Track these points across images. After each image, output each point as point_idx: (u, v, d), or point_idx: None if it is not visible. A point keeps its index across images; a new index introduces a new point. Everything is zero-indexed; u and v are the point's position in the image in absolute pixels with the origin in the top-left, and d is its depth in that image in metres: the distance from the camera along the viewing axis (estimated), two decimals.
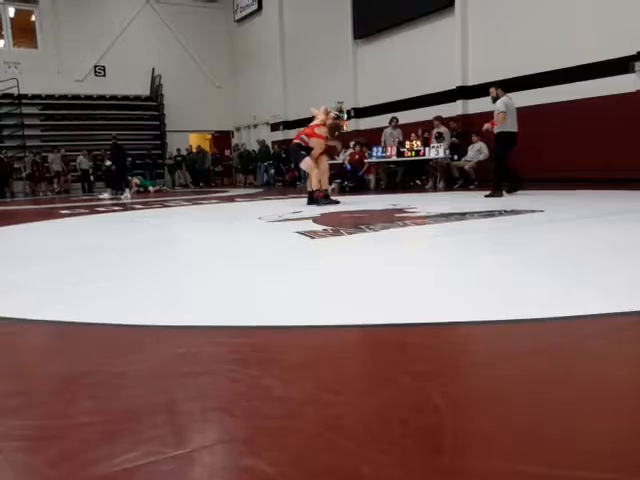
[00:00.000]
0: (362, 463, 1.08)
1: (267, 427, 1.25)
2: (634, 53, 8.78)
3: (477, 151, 10.64)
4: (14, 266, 3.75)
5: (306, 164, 7.73)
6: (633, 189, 7.51)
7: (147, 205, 10.15)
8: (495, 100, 7.92)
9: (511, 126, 7.80)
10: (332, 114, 7.94)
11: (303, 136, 7.82)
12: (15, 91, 17.86)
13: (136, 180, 16.88)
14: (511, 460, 1.07)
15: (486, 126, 8.04)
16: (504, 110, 7.70)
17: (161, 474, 1.07)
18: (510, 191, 7.90)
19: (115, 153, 14.37)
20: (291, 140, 16.41)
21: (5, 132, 18.19)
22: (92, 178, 18.12)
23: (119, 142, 14.82)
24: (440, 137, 11.08)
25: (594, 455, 1.09)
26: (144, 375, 1.63)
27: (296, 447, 1.16)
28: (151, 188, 17.20)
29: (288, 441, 1.19)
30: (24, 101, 18.31)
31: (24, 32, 19.39)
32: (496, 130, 7.83)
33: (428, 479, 1.02)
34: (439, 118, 11.45)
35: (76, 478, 1.07)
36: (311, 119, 8.33)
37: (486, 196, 7.77)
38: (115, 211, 9.02)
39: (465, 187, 10.65)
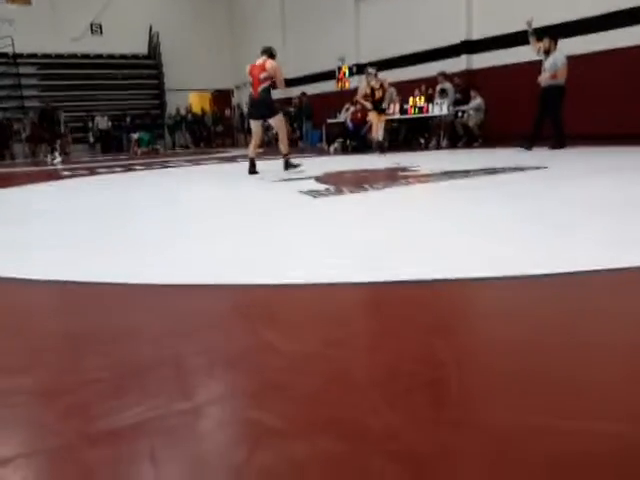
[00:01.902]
0: (367, 414, 1.08)
1: (273, 380, 1.26)
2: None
3: (476, 106, 10.47)
4: (15, 226, 3.75)
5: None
6: None
7: (148, 166, 10.08)
8: (547, 52, 7.79)
9: (564, 80, 7.74)
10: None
11: None
12: (10, 50, 17.52)
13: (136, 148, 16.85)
14: (517, 412, 1.08)
15: (545, 78, 7.83)
16: (566, 63, 7.66)
17: (168, 427, 1.08)
18: (529, 148, 7.86)
19: (45, 118, 13.90)
20: (291, 99, 16.27)
21: (2, 93, 17.93)
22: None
23: (51, 107, 14.32)
24: (443, 93, 10.89)
25: (601, 405, 1.10)
26: (150, 331, 1.64)
27: (301, 400, 1.17)
28: (138, 149, 17.00)
29: (294, 394, 1.19)
30: (20, 60, 17.98)
31: None
32: (553, 83, 7.71)
33: (434, 431, 1.03)
34: (443, 74, 11.23)
35: (84, 432, 1.09)
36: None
37: (550, 147, 7.82)
38: (116, 172, 8.96)
39: (469, 144, 10.53)
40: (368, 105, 9.03)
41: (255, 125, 6.83)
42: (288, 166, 6.80)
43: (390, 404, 1.12)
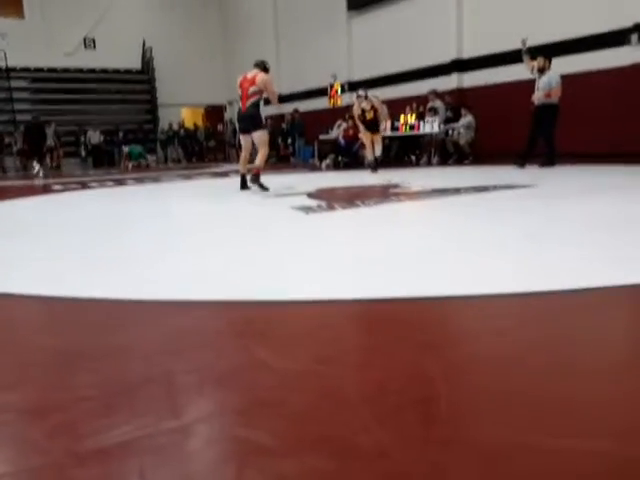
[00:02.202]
0: (358, 432, 1.08)
1: (263, 398, 1.26)
2: (630, 25, 8.68)
3: (467, 124, 10.58)
4: (6, 241, 3.73)
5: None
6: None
7: (140, 181, 10.08)
8: (541, 71, 7.89)
9: (558, 99, 7.86)
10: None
11: None
12: (3, 64, 17.52)
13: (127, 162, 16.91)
14: (507, 430, 1.08)
15: (539, 96, 7.93)
16: (560, 83, 7.78)
17: (157, 446, 1.08)
18: (522, 165, 7.94)
19: (31, 132, 13.91)
20: (284, 116, 16.36)
21: None
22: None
23: (39, 121, 14.39)
24: (434, 111, 10.99)
25: (588, 424, 1.11)
26: (141, 349, 1.63)
27: (292, 417, 1.17)
28: (129, 163, 17.05)
29: (284, 411, 1.19)
30: (13, 74, 17.97)
31: (8, 1, 18.88)
32: (547, 102, 7.81)
33: (424, 449, 1.03)
34: (434, 92, 11.35)
35: (72, 450, 1.08)
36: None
37: (540, 165, 7.85)
38: (109, 187, 8.95)
39: (459, 162, 10.62)
40: (362, 127, 8.96)
41: (245, 140, 6.74)
42: (255, 182, 6.32)
43: (380, 422, 1.12)
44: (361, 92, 8.85)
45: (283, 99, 17.74)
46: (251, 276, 2.42)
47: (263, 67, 6.44)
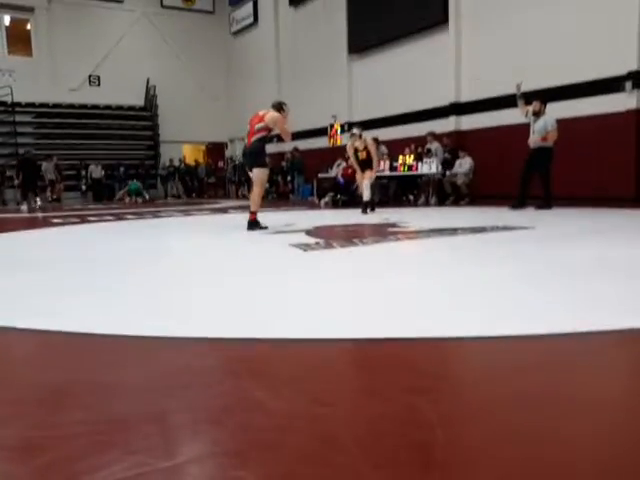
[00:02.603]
0: (353, 477, 1.07)
1: (258, 440, 1.25)
2: (624, 73, 8.90)
3: (467, 166, 10.72)
4: (2, 273, 3.73)
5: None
6: (620, 207, 7.59)
7: (139, 215, 10.12)
8: (537, 114, 8.01)
9: (553, 142, 7.99)
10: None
11: None
12: (9, 99, 17.82)
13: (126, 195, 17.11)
14: (502, 474, 1.07)
15: (535, 140, 8.05)
16: (556, 127, 7.91)
17: None
18: (517, 207, 8.00)
19: (23, 166, 14.25)
20: (284, 153, 16.59)
21: None
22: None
23: (32, 155, 14.88)
24: (429, 153, 11.16)
25: (587, 470, 1.09)
26: (135, 386, 1.62)
27: (287, 460, 1.15)
28: (127, 198, 17.23)
29: (279, 454, 1.18)
30: (18, 109, 18.27)
31: (19, 40, 19.43)
32: (543, 145, 7.92)
33: None
34: (432, 134, 11.55)
35: None
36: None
37: (537, 208, 7.89)
38: (107, 221, 8.98)
39: (457, 202, 10.71)
40: (356, 166, 8.85)
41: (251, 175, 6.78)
42: (253, 226, 6.24)
43: (376, 465, 1.11)
44: (355, 130, 8.73)
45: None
46: (247, 313, 2.41)
47: (278, 107, 6.48)
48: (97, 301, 2.75)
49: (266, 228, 6.26)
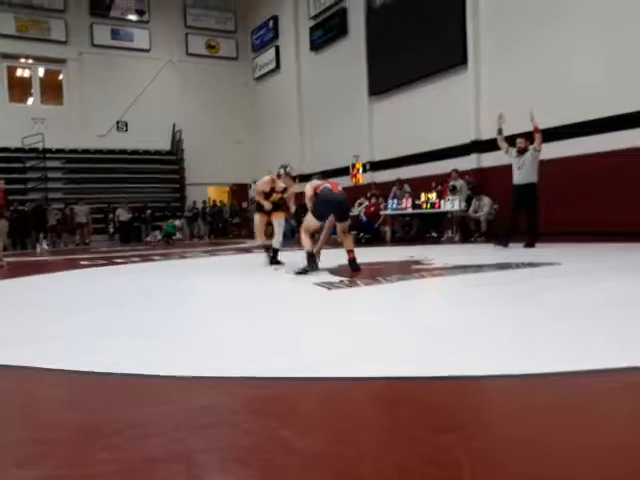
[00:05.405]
0: None
1: (283, 479, 1.24)
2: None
3: (486, 208, 10.73)
4: (21, 315, 3.80)
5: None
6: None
7: (166, 257, 10.27)
8: (521, 152, 7.99)
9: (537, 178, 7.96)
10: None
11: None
12: (40, 145, 18.46)
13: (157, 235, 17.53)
14: None
15: (522, 177, 8.03)
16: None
17: None
18: (505, 245, 7.90)
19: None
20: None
21: (29, 185, 18.70)
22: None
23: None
24: (455, 190, 11.18)
25: None
26: (161, 425, 1.63)
27: None
28: (150, 237, 17.78)
29: None
30: (48, 155, 18.89)
31: (52, 89, 20.26)
32: (533, 181, 7.88)
33: None
34: (455, 171, 11.61)
35: None
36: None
37: (525, 246, 7.73)
38: (134, 262, 9.13)
39: (480, 239, 10.65)
40: (266, 205, 6.95)
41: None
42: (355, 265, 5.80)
43: None
44: (289, 169, 6.93)
45: (307, 177, 18.22)
46: (272, 352, 2.42)
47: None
48: (123, 341, 2.79)
49: (283, 264, 6.43)
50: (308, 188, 6.13)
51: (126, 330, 3.10)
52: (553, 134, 9.21)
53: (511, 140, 8.30)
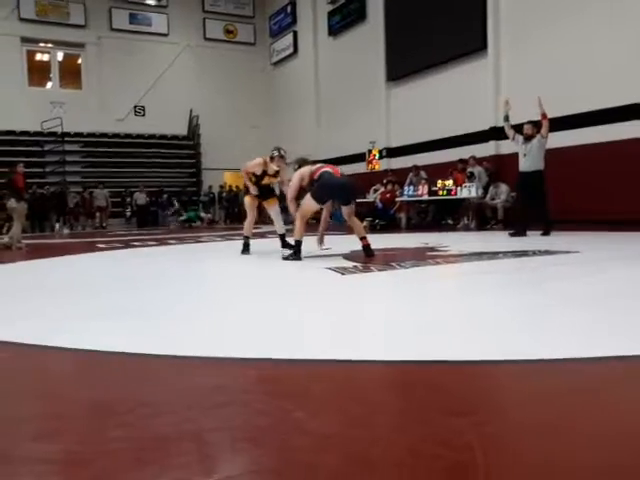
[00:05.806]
0: None
1: (295, 460, 1.25)
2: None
3: (503, 195, 10.62)
4: (41, 296, 3.85)
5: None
6: None
7: (180, 240, 10.34)
8: (529, 138, 7.88)
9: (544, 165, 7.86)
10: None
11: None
12: (59, 129, 18.60)
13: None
14: None
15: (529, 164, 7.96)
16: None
17: None
18: (523, 234, 7.79)
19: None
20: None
21: (48, 168, 18.88)
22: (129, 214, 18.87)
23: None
24: (472, 177, 11.06)
25: None
26: (174, 404, 1.65)
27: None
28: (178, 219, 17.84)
29: (316, 475, 1.18)
30: (67, 139, 19.03)
31: (70, 74, 20.36)
32: (540, 168, 7.79)
33: None
34: (473, 157, 11.48)
35: None
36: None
37: (542, 234, 7.64)
38: (150, 246, 9.20)
39: (497, 226, 10.55)
40: (252, 188, 6.62)
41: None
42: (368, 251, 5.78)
43: None
44: (282, 152, 6.67)
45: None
46: (285, 334, 2.43)
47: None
48: (142, 322, 2.81)
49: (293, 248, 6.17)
50: (296, 177, 5.87)
51: (141, 311, 3.13)
52: (574, 121, 9.05)
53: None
